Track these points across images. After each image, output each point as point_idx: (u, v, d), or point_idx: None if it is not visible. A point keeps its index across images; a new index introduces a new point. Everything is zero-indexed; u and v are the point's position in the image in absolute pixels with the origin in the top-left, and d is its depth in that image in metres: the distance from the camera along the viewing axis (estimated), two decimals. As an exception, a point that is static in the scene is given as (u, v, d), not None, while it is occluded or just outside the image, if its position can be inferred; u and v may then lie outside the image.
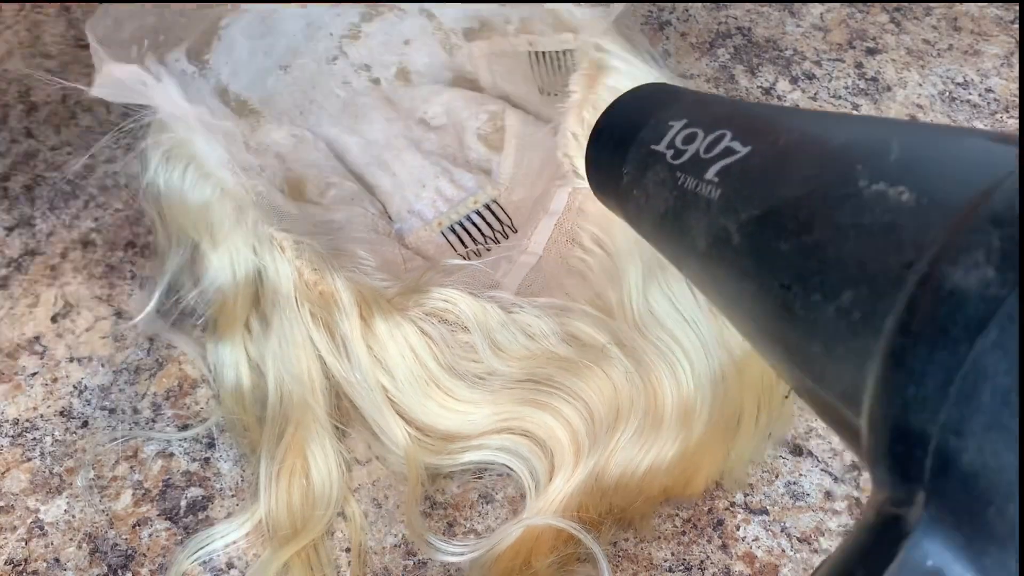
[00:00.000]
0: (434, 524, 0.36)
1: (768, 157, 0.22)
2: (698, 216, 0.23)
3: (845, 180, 0.19)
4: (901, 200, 0.17)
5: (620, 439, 0.35)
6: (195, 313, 0.40)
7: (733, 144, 0.24)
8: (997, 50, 0.59)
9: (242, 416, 0.37)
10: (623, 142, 0.29)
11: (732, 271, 0.22)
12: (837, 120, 0.23)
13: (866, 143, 0.20)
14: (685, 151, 0.25)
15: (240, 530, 0.35)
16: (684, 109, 0.28)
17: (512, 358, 0.37)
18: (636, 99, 0.30)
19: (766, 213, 0.21)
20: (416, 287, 0.37)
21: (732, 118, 0.25)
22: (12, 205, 0.47)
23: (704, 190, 0.23)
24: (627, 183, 0.28)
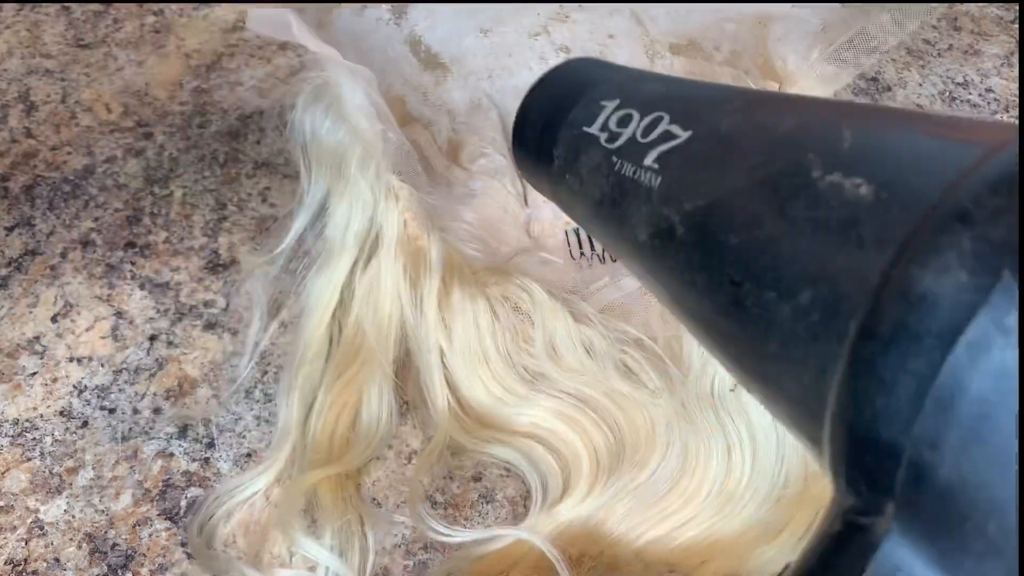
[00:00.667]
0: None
1: (711, 143, 0.21)
2: (637, 205, 0.22)
3: (796, 170, 0.18)
4: (859, 193, 0.16)
5: (638, 483, 0.34)
6: (307, 256, 0.42)
7: (672, 128, 0.22)
8: (997, 50, 0.59)
9: (310, 350, 0.38)
10: (552, 123, 0.27)
11: (676, 264, 0.21)
12: (782, 103, 0.22)
13: (816, 130, 0.19)
14: (620, 134, 0.24)
15: (266, 476, 0.36)
16: (616, 87, 0.26)
17: (565, 368, 0.37)
18: (564, 76, 0.29)
19: (712, 204, 0.20)
20: (503, 268, 0.38)
21: (669, 99, 0.24)
22: (12, 205, 0.47)
23: (643, 177, 0.22)
24: (558, 167, 0.27)
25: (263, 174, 0.49)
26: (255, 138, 0.51)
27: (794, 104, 0.22)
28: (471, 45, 0.50)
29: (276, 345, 0.41)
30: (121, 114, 0.51)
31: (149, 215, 0.46)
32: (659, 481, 0.34)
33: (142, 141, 0.50)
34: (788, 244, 0.17)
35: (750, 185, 0.19)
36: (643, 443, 0.35)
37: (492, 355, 0.37)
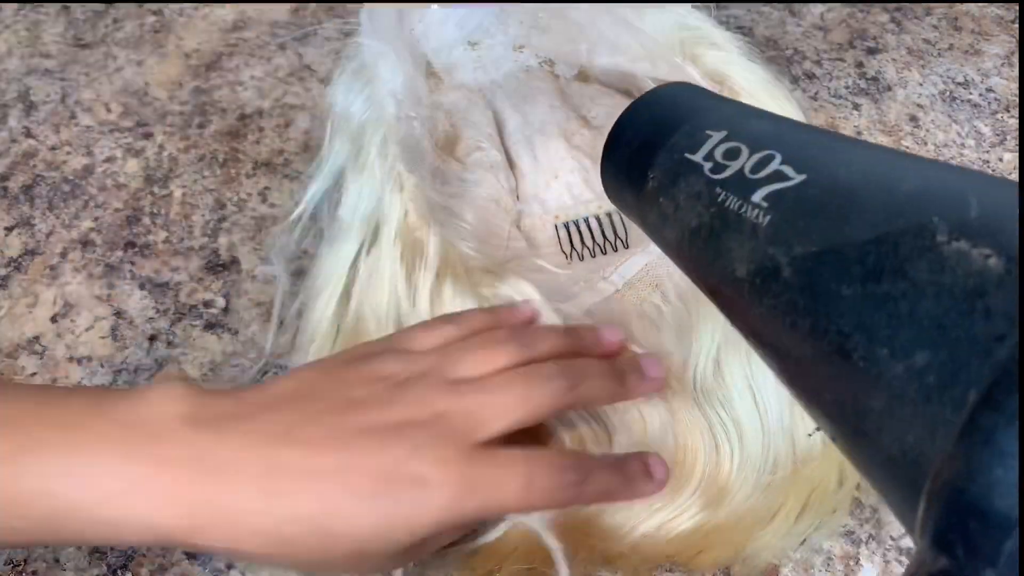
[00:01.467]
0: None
1: (827, 190, 0.21)
2: (740, 240, 0.22)
3: (920, 231, 0.18)
4: (987, 264, 0.16)
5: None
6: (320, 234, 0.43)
7: (784, 168, 0.22)
8: (998, 50, 0.59)
9: (318, 333, 0.39)
10: (651, 144, 0.27)
11: (778, 305, 0.20)
12: (901, 160, 0.22)
13: (941, 193, 0.19)
14: (727, 167, 0.24)
15: None
16: (724, 118, 0.26)
17: None
18: (665, 99, 0.29)
19: (826, 251, 0.19)
20: (497, 269, 0.39)
21: (780, 138, 0.24)
22: (12, 205, 0.47)
23: (750, 213, 0.22)
24: (652, 188, 0.26)
25: (263, 174, 0.49)
26: (255, 138, 0.51)
27: (916, 164, 0.21)
28: (460, 57, 0.51)
29: (279, 344, 0.41)
30: (121, 114, 0.51)
31: (149, 215, 0.46)
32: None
33: (142, 141, 0.50)
34: (906, 304, 0.17)
35: (868, 239, 0.19)
36: (636, 442, 0.35)
37: None
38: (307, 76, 0.54)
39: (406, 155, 0.41)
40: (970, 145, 0.53)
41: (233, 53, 0.55)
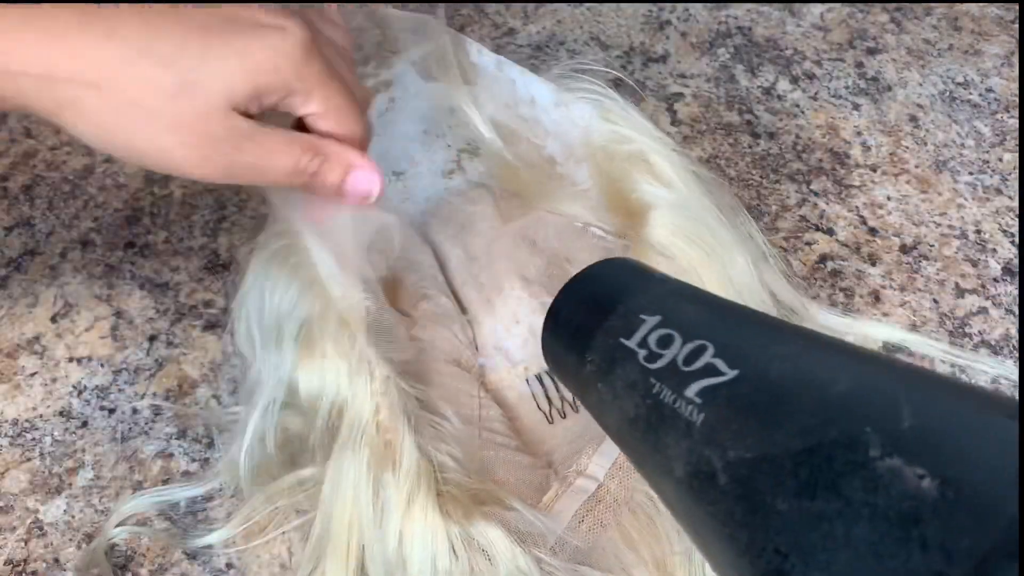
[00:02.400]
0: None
1: (759, 389, 0.20)
2: (676, 437, 0.21)
3: (853, 443, 0.17)
4: (922, 486, 0.15)
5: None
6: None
7: (716, 362, 0.21)
8: (997, 50, 0.59)
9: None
10: (587, 326, 0.26)
11: (716, 512, 0.19)
12: (835, 354, 0.21)
13: (874, 399, 0.18)
14: (661, 355, 0.23)
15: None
16: (657, 301, 0.25)
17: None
18: (602, 277, 0.28)
19: (759, 459, 0.18)
20: (474, 494, 0.34)
21: (713, 327, 0.23)
22: (12, 205, 0.47)
23: (684, 409, 0.21)
24: (590, 372, 0.26)
25: (263, 174, 0.49)
26: (255, 138, 0.51)
27: (849, 358, 0.20)
28: (387, 190, 0.43)
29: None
30: (121, 114, 0.51)
31: (149, 215, 0.46)
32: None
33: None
34: (841, 525, 0.16)
35: (802, 448, 0.18)
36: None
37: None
38: (307, 76, 0.54)
39: (376, 333, 0.35)
40: (970, 145, 0.53)
41: (233, 53, 0.55)
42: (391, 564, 0.32)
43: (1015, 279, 0.47)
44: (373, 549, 0.33)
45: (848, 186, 0.51)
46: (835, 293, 0.45)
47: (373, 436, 0.33)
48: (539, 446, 0.39)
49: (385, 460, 0.33)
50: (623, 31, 0.59)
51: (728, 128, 0.53)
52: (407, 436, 0.33)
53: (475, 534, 0.32)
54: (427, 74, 0.43)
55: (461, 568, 0.32)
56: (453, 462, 0.34)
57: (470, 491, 0.34)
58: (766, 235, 0.48)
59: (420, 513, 0.32)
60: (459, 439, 0.35)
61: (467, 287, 0.43)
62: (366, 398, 0.34)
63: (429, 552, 0.32)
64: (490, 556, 0.32)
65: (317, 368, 0.34)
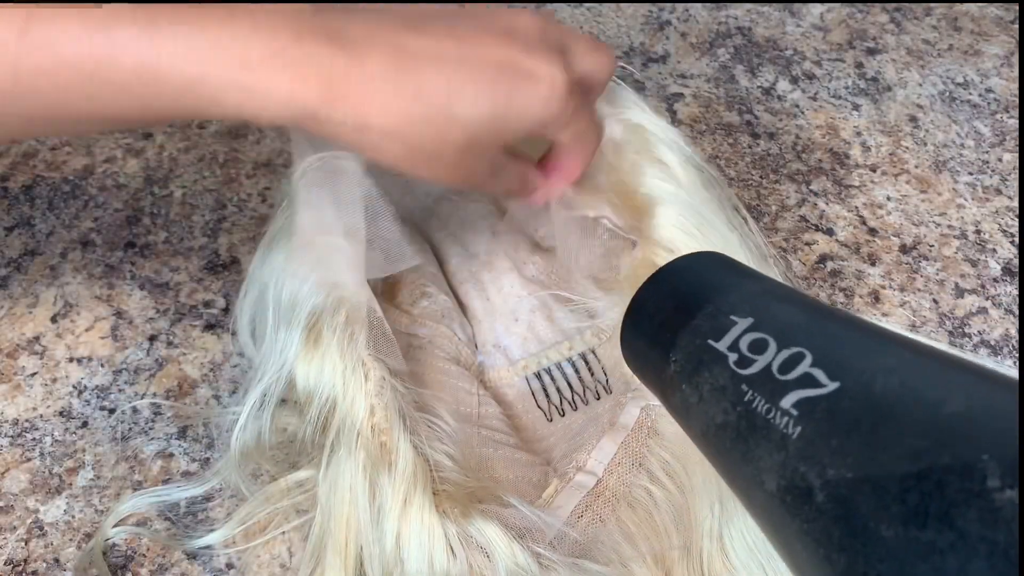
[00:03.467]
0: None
1: (862, 403, 0.19)
2: (769, 449, 0.20)
3: (968, 471, 0.16)
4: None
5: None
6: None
7: (815, 372, 0.20)
8: (997, 50, 0.59)
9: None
10: (672, 324, 0.25)
11: (811, 531, 0.18)
12: (943, 367, 0.19)
13: (991, 422, 0.17)
14: (753, 361, 0.22)
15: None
16: (748, 301, 0.24)
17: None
18: (688, 272, 0.27)
19: (861, 480, 0.17)
20: (472, 492, 0.34)
21: (810, 333, 0.22)
22: (12, 205, 0.47)
23: (779, 420, 0.20)
24: (674, 373, 0.25)
25: (263, 174, 0.49)
26: (255, 138, 0.51)
27: (959, 374, 0.19)
28: (385, 184, 0.42)
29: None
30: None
31: (149, 215, 0.46)
32: None
33: (142, 141, 0.50)
34: (954, 560, 0.15)
35: (909, 472, 0.17)
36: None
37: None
38: (307, 76, 0.54)
39: (374, 342, 0.35)
40: (969, 146, 0.53)
41: (233, 53, 0.55)
42: (389, 564, 0.32)
43: (1015, 279, 0.47)
44: (371, 550, 0.33)
45: (848, 186, 0.51)
46: (835, 293, 0.45)
47: (368, 438, 0.33)
48: (538, 444, 0.39)
49: (380, 462, 0.33)
50: (623, 31, 0.59)
51: (728, 128, 0.53)
52: (402, 437, 0.33)
53: (473, 532, 0.32)
54: None
55: (459, 566, 0.32)
56: (450, 461, 0.34)
57: (467, 489, 0.34)
58: (766, 235, 0.48)
59: (416, 513, 0.32)
60: (456, 438, 0.35)
61: (466, 285, 0.43)
62: (360, 400, 0.34)
63: (426, 551, 0.32)
64: (488, 553, 0.32)
65: (317, 362, 0.34)
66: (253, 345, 0.38)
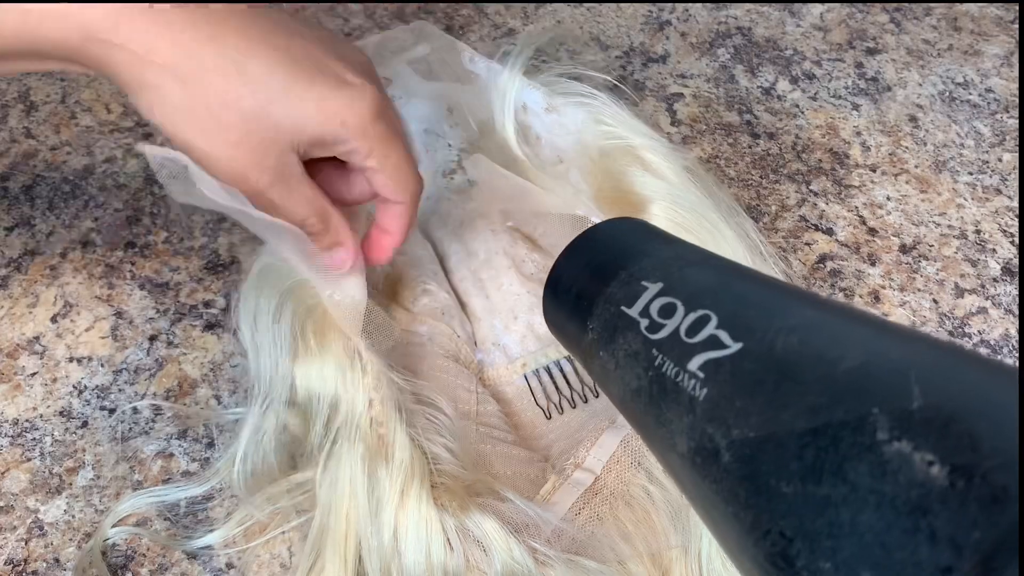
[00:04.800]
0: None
1: (764, 363, 0.19)
2: (679, 412, 0.20)
3: (860, 424, 0.16)
4: (930, 473, 0.14)
5: None
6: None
7: (720, 334, 0.20)
8: (997, 50, 0.59)
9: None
10: (588, 292, 0.25)
11: (719, 490, 0.19)
12: (845, 324, 0.20)
13: (882, 376, 0.17)
14: (663, 325, 0.22)
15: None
16: (660, 266, 0.24)
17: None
18: (603, 239, 0.27)
19: (763, 439, 0.18)
20: (469, 486, 0.34)
21: (716, 294, 0.22)
22: (12, 205, 0.47)
23: (687, 383, 0.20)
24: (591, 340, 0.25)
25: (263, 174, 0.49)
26: (255, 138, 0.51)
27: (860, 329, 0.19)
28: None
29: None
30: (121, 114, 0.51)
31: (149, 215, 0.46)
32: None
33: (142, 141, 0.50)
34: (847, 512, 0.15)
35: (807, 429, 0.17)
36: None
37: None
38: (307, 76, 0.54)
39: (373, 333, 0.36)
40: (969, 145, 0.53)
41: (233, 53, 0.55)
42: (387, 557, 0.32)
43: (1015, 279, 0.47)
44: (369, 542, 0.33)
45: (848, 186, 0.51)
46: (835, 293, 0.45)
47: (367, 430, 0.34)
48: (537, 441, 0.39)
49: (378, 454, 0.33)
50: (623, 31, 0.59)
51: (728, 128, 0.53)
52: (399, 430, 0.33)
53: (470, 525, 0.32)
54: (427, 74, 0.43)
55: (456, 559, 0.32)
56: (448, 454, 0.34)
57: (465, 483, 0.34)
58: (766, 235, 0.48)
59: (414, 505, 0.32)
60: (454, 431, 0.36)
61: (466, 283, 0.43)
62: (359, 393, 0.34)
63: (423, 543, 0.32)
64: (485, 547, 0.32)
65: (315, 364, 0.35)
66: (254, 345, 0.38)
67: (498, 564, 0.32)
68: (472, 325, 0.42)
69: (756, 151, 0.52)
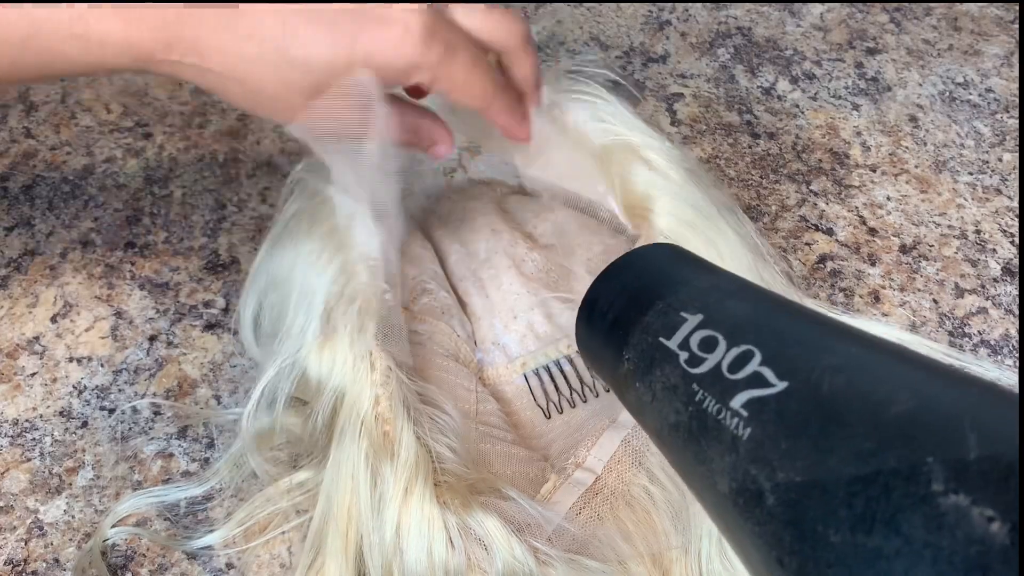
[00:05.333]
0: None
1: (809, 404, 0.19)
2: (720, 451, 0.20)
3: (913, 474, 0.15)
4: (989, 530, 0.14)
5: None
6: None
7: (764, 371, 0.20)
8: (997, 50, 0.59)
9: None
10: (624, 321, 0.25)
11: (763, 533, 0.18)
12: (894, 364, 0.19)
13: (935, 420, 0.16)
14: (703, 360, 0.21)
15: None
16: (698, 297, 0.24)
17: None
18: (640, 266, 0.26)
19: (810, 483, 0.17)
20: (472, 484, 0.34)
21: (759, 328, 0.22)
22: (12, 205, 0.47)
23: (729, 421, 0.20)
24: (627, 371, 0.24)
25: (263, 174, 0.49)
26: (255, 138, 0.51)
27: (910, 371, 0.19)
28: (388, 190, 0.41)
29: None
30: (121, 114, 0.51)
31: (149, 215, 0.46)
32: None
33: (142, 141, 0.50)
34: (901, 566, 0.15)
35: (855, 475, 0.16)
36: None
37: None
38: (307, 76, 0.54)
39: (384, 333, 0.36)
40: (969, 145, 0.53)
41: (233, 53, 0.55)
42: (388, 554, 0.32)
43: (1015, 279, 0.47)
44: (371, 539, 0.33)
45: (848, 186, 0.51)
46: (835, 293, 0.45)
47: (372, 427, 0.34)
48: (536, 441, 0.39)
49: (383, 451, 0.33)
50: (623, 31, 0.59)
51: (728, 128, 0.53)
52: (406, 428, 0.33)
53: (472, 524, 0.32)
54: None
55: (458, 558, 0.32)
56: (451, 453, 0.34)
57: (467, 481, 0.34)
58: (766, 235, 0.48)
59: (417, 503, 0.32)
60: (457, 431, 0.36)
61: (466, 282, 0.43)
62: (366, 389, 0.34)
63: (425, 542, 0.32)
64: (486, 546, 0.32)
65: (329, 351, 0.35)
66: (255, 342, 0.39)
67: (499, 563, 0.32)
68: (472, 324, 0.42)
69: (756, 151, 0.52)
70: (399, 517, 0.32)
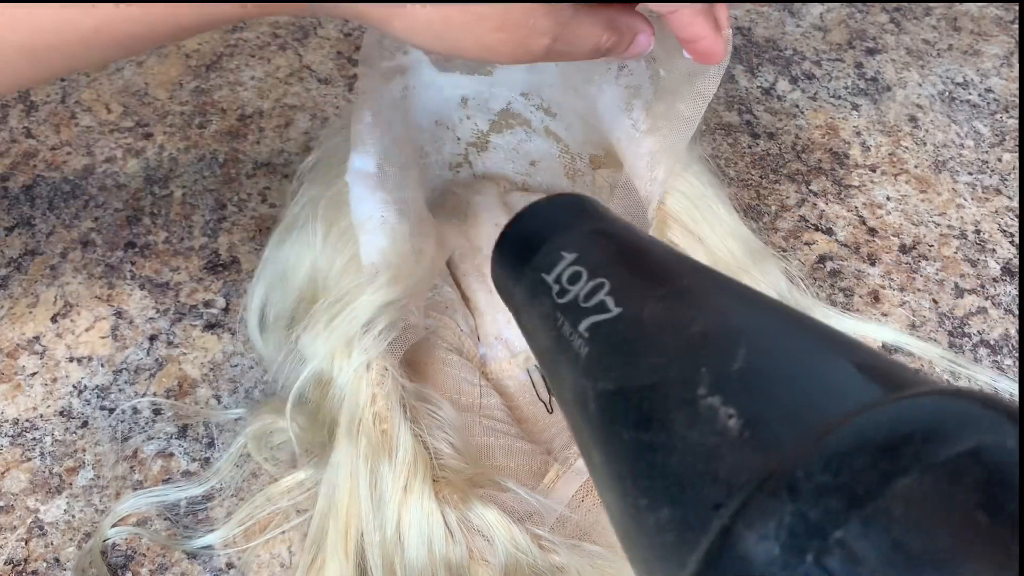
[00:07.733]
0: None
1: (633, 326, 0.21)
2: (568, 367, 0.23)
3: (687, 381, 0.18)
4: (728, 424, 0.16)
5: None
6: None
7: (607, 300, 0.22)
8: (997, 50, 0.59)
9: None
10: (519, 260, 0.27)
11: (587, 435, 0.21)
12: (707, 295, 0.22)
13: (717, 341, 0.19)
14: (568, 292, 0.24)
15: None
16: (580, 238, 0.26)
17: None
18: (540, 214, 0.29)
19: (617, 392, 0.20)
20: (471, 478, 0.34)
21: (615, 265, 0.24)
22: (12, 205, 0.47)
23: (576, 343, 0.23)
24: (519, 303, 0.27)
25: (263, 174, 0.49)
26: (255, 138, 0.51)
27: (722, 300, 0.22)
28: (396, 177, 0.42)
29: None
30: (121, 114, 0.51)
31: (149, 215, 0.46)
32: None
33: (142, 141, 0.50)
34: (661, 457, 0.17)
35: (647, 384, 0.19)
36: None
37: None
38: (307, 76, 0.54)
39: (402, 331, 0.36)
40: (969, 145, 0.53)
41: (233, 53, 0.55)
42: (389, 551, 0.33)
43: (1014, 279, 0.47)
44: (371, 537, 0.33)
45: (847, 186, 0.51)
46: (834, 293, 0.46)
47: (370, 426, 0.34)
48: (539, 434, 0.40)
49: (382, 449, 0.33)
50: (623, 31, 0.59)
51: (728, 128, 0.53)
52: (403, 426, 0.34)
53: (472, 517, 0.33)
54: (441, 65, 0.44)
55: (459, 551, 0.32)
56: (450, 448, 0.34)
57: (466, 476, 0.34)
58: (766, 235, 0.48)
59: (416, 499, 0.33)
60: (456, 427, 0.36)
61: (470, 277, 0.43)
62: (363, 388, 0.34)
63: (425, 537, 0.33)
64: (488, 537, 0.32)
65: (329, 350, 0.35)
66: (260, 336, 0.39)
67: (502, 553, 0.32)
68: (475, 319, 0.42)
69: (756, 151, 0.52)
70: (399, 514, 0.32)
